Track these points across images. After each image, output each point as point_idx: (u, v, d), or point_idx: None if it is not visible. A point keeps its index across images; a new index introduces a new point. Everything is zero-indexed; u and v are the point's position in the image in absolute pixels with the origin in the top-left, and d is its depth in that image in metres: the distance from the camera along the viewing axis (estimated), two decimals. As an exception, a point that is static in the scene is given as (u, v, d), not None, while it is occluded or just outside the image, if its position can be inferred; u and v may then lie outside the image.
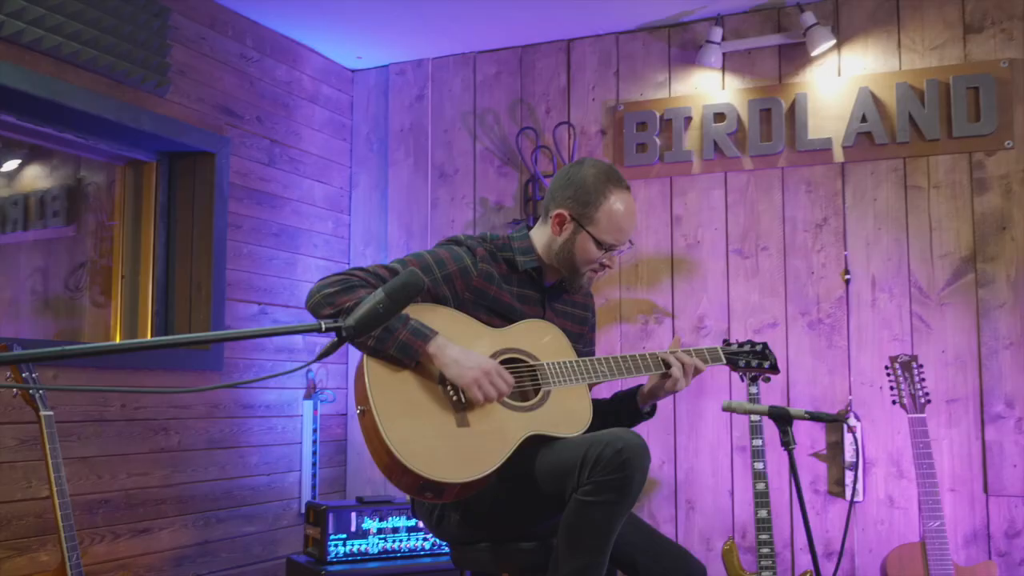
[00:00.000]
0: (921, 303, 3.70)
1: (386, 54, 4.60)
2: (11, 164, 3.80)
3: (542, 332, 2.34)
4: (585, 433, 2.22)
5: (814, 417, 2.16)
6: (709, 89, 4.08)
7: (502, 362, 2.26)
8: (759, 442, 3.42)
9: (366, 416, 2.10)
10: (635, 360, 2.38)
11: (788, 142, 3.92)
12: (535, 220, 4.31)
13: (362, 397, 2.12)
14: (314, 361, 1.80)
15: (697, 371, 2.40)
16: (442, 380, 2.19)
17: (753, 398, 3.43)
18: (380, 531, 3.29)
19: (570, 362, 2.31)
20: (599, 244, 2.35)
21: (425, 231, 4.53)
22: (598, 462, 2.04)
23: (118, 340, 3.91)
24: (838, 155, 3.84)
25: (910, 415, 3.20)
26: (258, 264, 4.14)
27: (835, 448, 3.76)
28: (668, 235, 4.11)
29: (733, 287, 3.98)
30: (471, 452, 2.11)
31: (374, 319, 1.81)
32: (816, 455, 3.80)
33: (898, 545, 3.21)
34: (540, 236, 2.42)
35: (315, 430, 4.23)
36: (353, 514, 3.23)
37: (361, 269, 2.25)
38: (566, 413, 2.24)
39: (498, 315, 2.34)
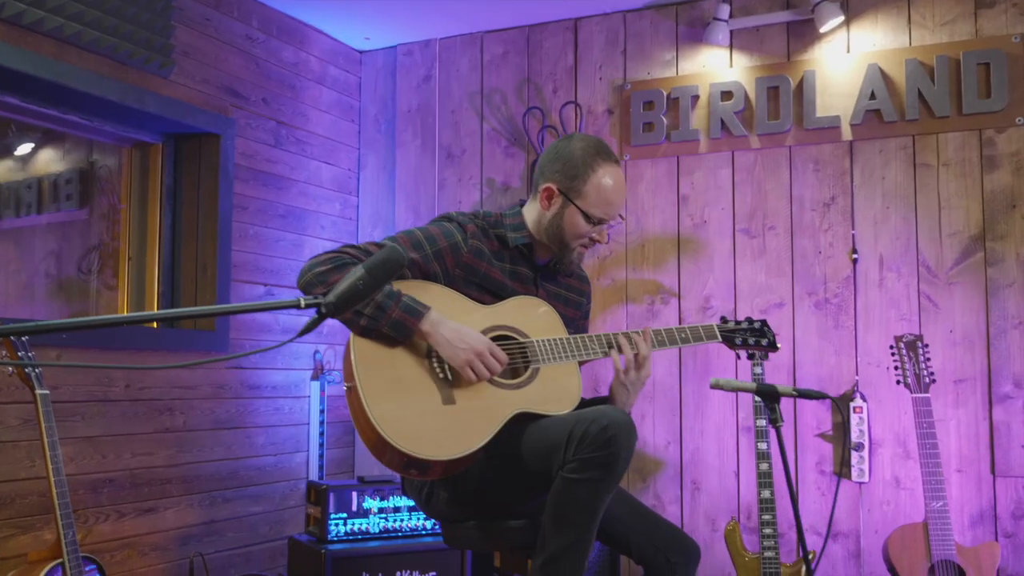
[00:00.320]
0: (929, 282, 3.65)
1: (394, 35, 4.59)
2: (24, 148, 3.83)
3: (533, 309, 2.32)
4: (574, 411, 2.21)
5: (801, 394, 2.14)
6: (716, 67, 4.04)
7: (493, 338, 2.25)
8: (763, 422, 3.40)
9: (352, 393, 2.11)
10: (626, 336, 2.36)
11: (796, 120, 3.87)
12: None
13: (348, 374, 2.12)
14: (294, 339, 1.81)
15: (639, 357, 2.33)
16: (429, 356, 2.19)
17: (757, 379, 3.40)
18: (381, 510, 3.30)
19: (561, 339, 2.29)
20: (588, 218, 2.34)
21: (432, 212, 4.52)
22: (584, 439, 2.03)
23: (126, 321, 3.93)
24: (846, 133, 3.79)
25: (914, 395, 3.16)
26: (264, 245, 4.15)
27: (840, 429, 3.73)
28: (675, 215, 4.08)
29: (740, 267, 3.95)
30: (457, 429, 2.11)
31: (354, 295, 1.81)
32: (822, 435, 3.77)
33: (901, 526, 3.18)
34: (531, 212, 2.41)
35: (322, 411, 4.25)
36: (354, 493, 3.25)
37: (352, 246, 2.25)
38: (555, 391, 2.23)
39: (489, 292, 2.33)
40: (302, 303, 1.80)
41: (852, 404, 3.67)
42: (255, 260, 4.10)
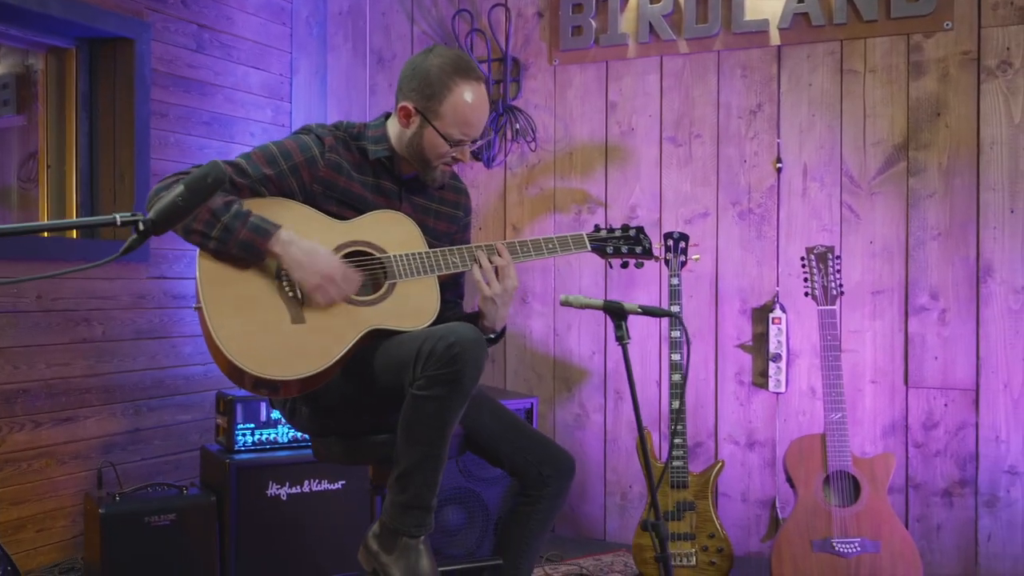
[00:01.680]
0: (852, 192, 3.59)
1: (323, -68, 4.43)
2: None
3: (392, 224, 2.28)
4: (429, 326, 2.19)
5: (647, 312, 2.12)
6: (647, -33, 3.90)
7: (348, 255, 2.22)
8: (677, 333, 3.38)
9: (200, 314, 2.08)
10: (490, 248, 2.32)
11: (724, 23, 3.75)
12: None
13: (197, 294, 2.09)
14: (117, 256, 1.78)
15: (500, 270, 2.30)
16: (279, 274, 2.16)
17: (674, 290, 3.38)
18: (289, 420, 3.31)
19: (418, 254, 2.26)
20: (446, 138, 2.26)
21: (364, 119, 4.42)
22: (431, 356, 2.01)
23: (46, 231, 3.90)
24: (774, 37, 3.68)
25: (820, 307, 3.14)
26: (187, 153, 4.08)
27: (760, 340, 3.72)
28: (603, 122, 4.00)
29: (666, 176, 3.89)
30: (305, 348, 2.09)
31: (175, 212, 1.77)
32: (742, 346, 3.76)
33: (799, 436, 3.20)
34: (393, 127, 2.34)
35: (251, 320, 4.24)
36: (262, 404, 3.26)
37: (199, 167, 2.18)
38: (411, 306, 2.21)
39: (350, 207, 2.28)
40: (118, 220, 1.77)
41: (771, 315, 3.65)
42: (177, 168, 4.03)
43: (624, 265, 2.44)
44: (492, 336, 2.40)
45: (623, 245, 2.45)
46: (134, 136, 3.83)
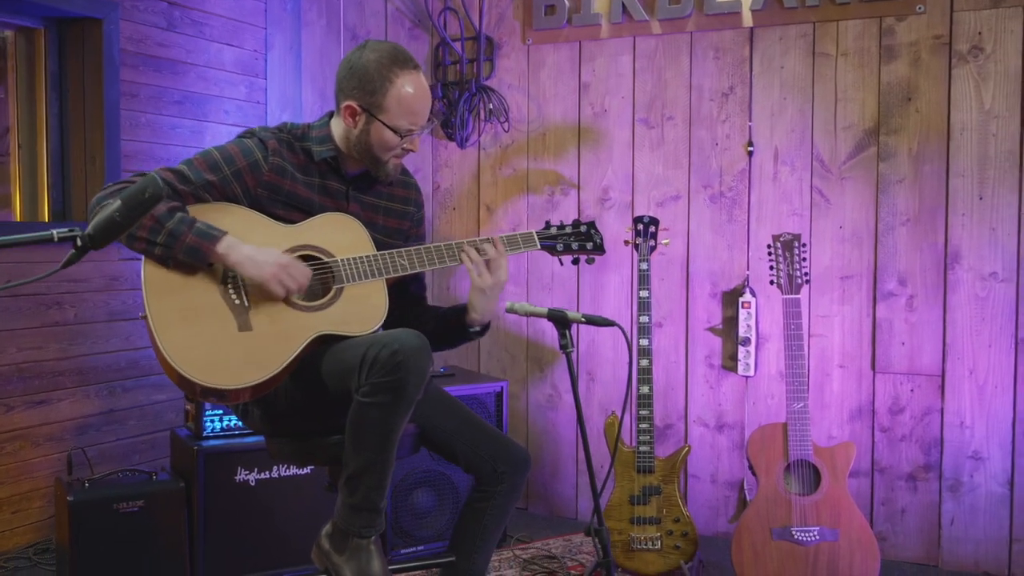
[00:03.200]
0: (822, 177, 3.58)
1: (296, -94, 4.36)
2: None
3: (338, 227, 2.27)
4: (376, 331, 2.20)
5: (590, 320, 2.12)
6: (620, -54, 3.85)
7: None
8: (645, 319, 3.39)
9: (147, 324, 2.09)
10: (438, 250, 2.33)
11: (697, 5, 3.71)
12: (442, 87, 4.20)
13: (143, 304, 2.10)
14: (55, 272, 1.79)
15: (492, 262, 2.33)
16: (225, 282, 2.16)
17: (644, 274, 3.39)
18: (257, 406, 3.34)
19: (366, 257, 2.26)
20: (395, 131, 2.26)
21: (338, 97, 4.40)
22: (375, 363, 2.02)
23: (18, 213, 3.91)
24: (747, 19, 3.64)
25: (784, 296, 3.14)
26: (159, 134, 4.06)
27: (730, 323, 3.73)
28: (575, 103, 3.97)
29: (638, 158, 3.87)
30: (251, 356, 2.10)
31: (112, 227, 1.77)
32: (712, 330, 3.78)
33: (761, 425, 3.22)
34: (338, 127, 2.33)
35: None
36: (231, 390, 3.27)
37: (143, 174, 2.18)
38: (358, 311, 2.21)
39: (297, 209, 2.28)
40: (55, 236, 1.77)
41: (741, 299, 3.66)
42: (150, 149, 4.02)
43: (575, 262, 2.44)
44: (478, 329, 2.42)
45: (573, 242, 2.45)
46: (103, 117, 3.81)
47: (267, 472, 3.25)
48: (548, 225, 2.48)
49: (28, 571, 3.36)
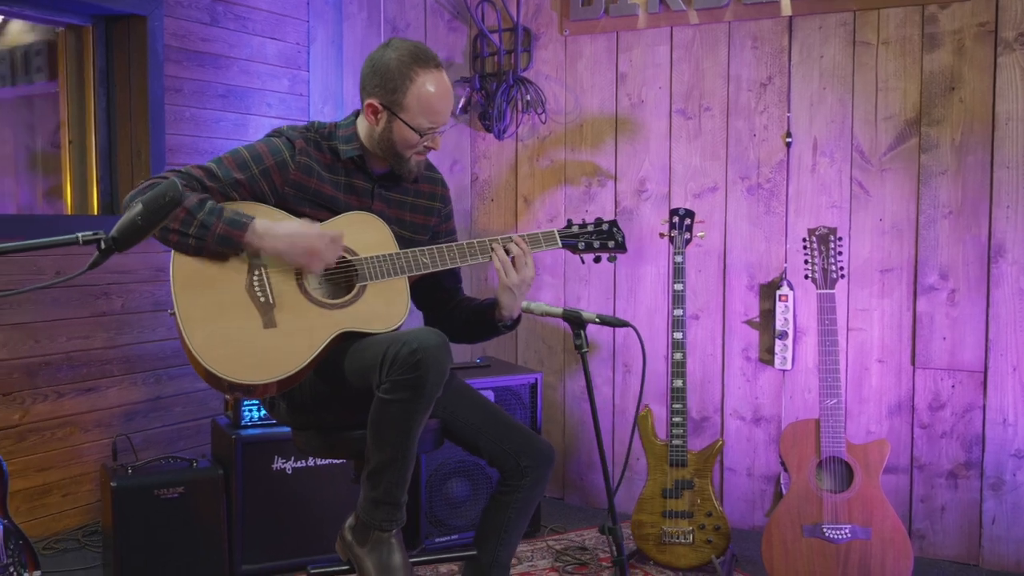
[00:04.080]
0: (862, 168, 3.52)
1: (337, -101, 4.40)
2: None
3: (362, 226, 2.31)
4: (397, 329, 2.23)
5: (604, 321, 2.13)
6: (658, -66, 3.81)
7: None
8: (680, 312, 3.38)
9: (175, 320, 2.15)
10: (460, 248, 2.35)
11: (735, -7, 3.67)
12: (480, 79, 4.21)
13: (172, 300, 2.15)
14: (82, 273, 1.85)
15: (516, 260, 2.34)
16: (251, 279, 2.20)
17: (678, 267, 3.37)
18: (294, 397, 3.40)
19: (388, 255, 2.29)
20: (415, 129, 2.28)
21: (379, 88, 4.44)
22: (395, 361, 2.05)
23: (69, 206, 4.03)
24: (786, 8, 3.58)
25: (819, 291, 3.10)
26: (203, 127, 4.14)
27: (767, 316, 3.70)
28: (612, 94, 3.95)
29: (675, 149, 3.84)
30: (276, 353, 2.14)
31: (135, 231, 1.82)
32: (749, 322, 3.75)
33: (793, 422, 3.19)
34: (362, 125, 2.36)
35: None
36: (269, 381, 3.34)
37: (175, 171, 2.24)
38: (380, 309, 2.24)
39: (323, 208, 2.32)
40: (80, 239, 1.83)
41: (778, 292, 3.63)
42: (193, 143, 4.10)
43: (597, 260, 2.44)
44: (508, 324, 2.45)
45: (595, 240, 2.45)
46: (148, 112, 3.90)
47: (303, 461, 3.31)
48: (570, 224, 2.48)
49: (77, 553, 3.48)
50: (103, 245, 1.82)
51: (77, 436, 3.70)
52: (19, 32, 4.03)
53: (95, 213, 3.94)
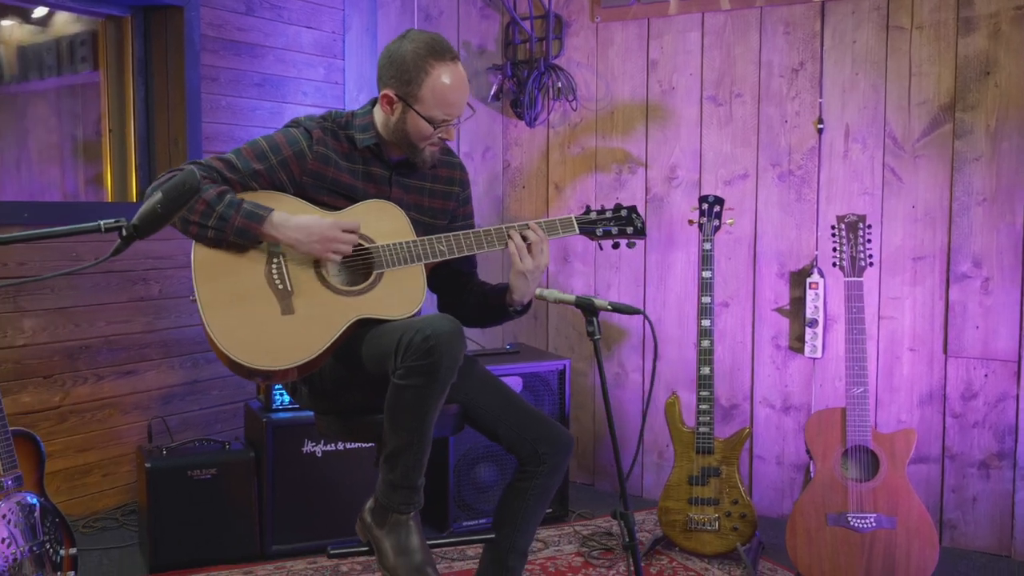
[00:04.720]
0: (895, 155, 3.47)
1: None
2: (41, 10, 3.92)
3: (379, 214, 2.34)
4: (414, 316, 2.26)
5: (616, 309, 2.13)
6: (690, -81, 3.79)
7: None
8: (707, 299, 3.37)
9: (195, 305, 2.20)
10: (476, 236, 2.37)
11: (767, -22, 3.63)
12: (512, 67, 4.22)
13: (193, 288, 2.21)
14: (105, 259, 1.90)
15: (533, 246, 2.36)
16: (269, 267, 2.25)
17: (707, 255, 3.36)
18: (324, 381, 3.45)
19: (405, 243, 2.31)
20: (429, 121, 2.30)
21: (412, 76, 4.47)
22: (409, 348, 2.08)
23: (110, 193, 4.12)
24: (818, -8, 3.55)
25: (846, 279, 3.07)
26: (239, 116, 4.21)
27: (798, 304, 3.67)
28: (644, 81, 3.94)
29: (706, 136, 3.82)
30: (294, 339, 2.18)
31: (155, 219, 1.87)
32: (779, 310, 3.72)
33: (818, 410, 3.17)
34: (379, 114, 2.39)
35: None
36: (299, 365, 3.40)
37: (196, 163, 2.29)
38: (397, 295, 2.27)
39: (341, 196, 2.35)
40: (102, 227, 1.89)
41: (809, 280, 3.60)
42: (229, 131, 4.17)
43: (615, 246, 2.45)
44: (518, 309, 2.47)
45: (613, 226, 2.46)
46: (185, 101, 3.97)
47: (333, 444, 3.37)
48: (588, 210, 2.49)
49: (115, 531, 3.58)
50: (124, 232, 1.87)
51: (116, 418, 3.80)
52: (65, 23, 4.12)
53: (134, 200, 4.03)
